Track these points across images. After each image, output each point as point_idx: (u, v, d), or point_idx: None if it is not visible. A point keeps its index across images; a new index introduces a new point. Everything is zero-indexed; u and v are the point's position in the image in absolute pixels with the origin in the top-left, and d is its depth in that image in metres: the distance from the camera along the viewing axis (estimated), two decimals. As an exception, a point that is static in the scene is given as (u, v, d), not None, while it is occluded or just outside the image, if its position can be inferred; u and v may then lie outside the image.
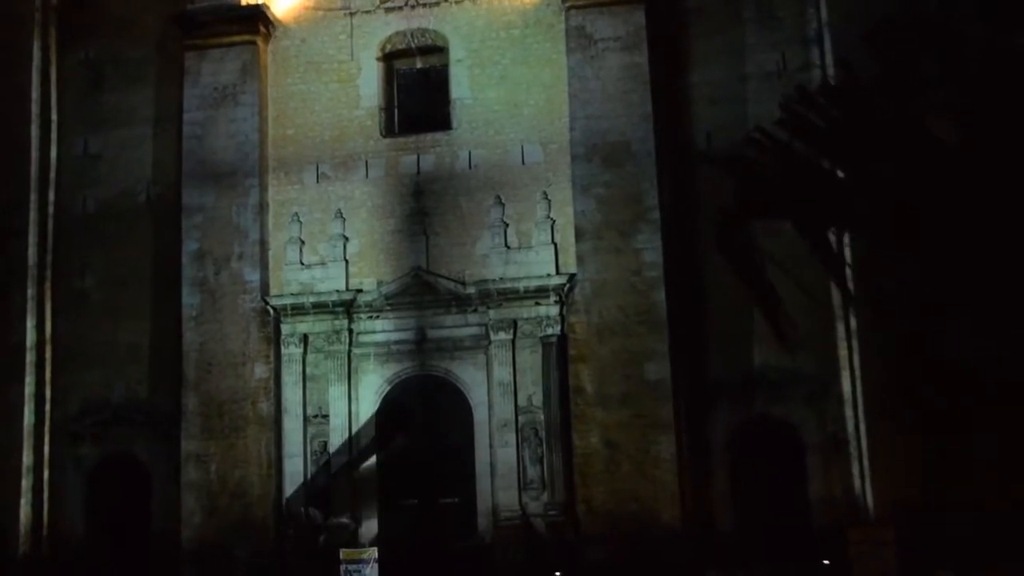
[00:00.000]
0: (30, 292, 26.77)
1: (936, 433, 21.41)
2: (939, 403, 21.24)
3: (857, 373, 23.41)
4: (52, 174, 27.81)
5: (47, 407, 26.70)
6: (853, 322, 23.21)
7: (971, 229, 5.74)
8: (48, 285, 27.25)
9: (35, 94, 27.71)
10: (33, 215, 27.19)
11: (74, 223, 27.66)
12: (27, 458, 26.09)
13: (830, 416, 23.83)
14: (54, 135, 27.99)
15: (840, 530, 21.76)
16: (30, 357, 26.47)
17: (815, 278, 7.16)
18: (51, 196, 27.72)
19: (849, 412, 23.69)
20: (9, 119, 27.51)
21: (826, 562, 21.70)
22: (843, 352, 23.76)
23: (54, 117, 28.06)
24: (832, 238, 6.77)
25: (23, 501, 25.88)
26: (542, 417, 24.57)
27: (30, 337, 26.56)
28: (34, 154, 27.48)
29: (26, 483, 25.98)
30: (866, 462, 23.09)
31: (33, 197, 27.31)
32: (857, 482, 23.40)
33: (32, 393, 26.44)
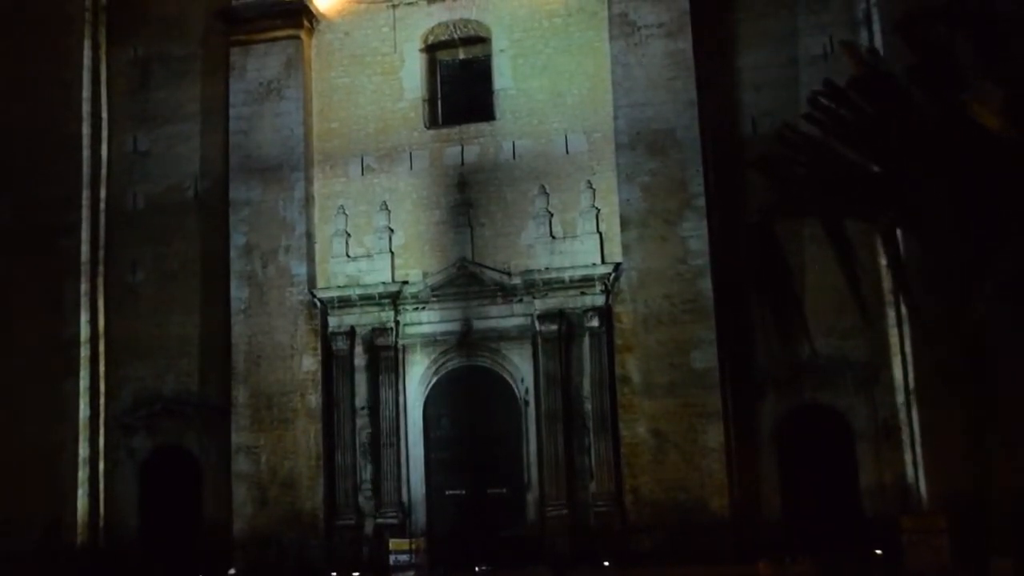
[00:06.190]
0: (83, 287, 27.22)
1: (990, 420, 21.00)
2: (992, 390, 20.82)
3: (908, 359, 23.05)
4: (103, 171, 28.24)
5: (101, 400, 27.15)
6: (903, 309, 22.84)
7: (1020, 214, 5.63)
8: (100, 280, 27.70)
9: (86, 92, 28.14)
10: (85, 212, 27.64)
11: (124, 219, 28.08)
12: (83, 450, 26.54)
13: (881, 403, 23.52)
14: (104, 132, 28.42)
15: (892, 519, 21.45)
16: (84, 351, 26.93)
17: (866, 264, 7.08)
18: (102, 193, 28.16)
19: (900, 399, 23.36)
20: (61, 117, 27.92)
21: (878, 551, 21.42)
22: (894, 339, 23.42)
23: (104, 115, 28.49)
24: (883, 233, 6.68)
25: (80, 492, 26.32)
26: (589, 407, 24.50)
27: (84, 332, 27.02)
28: (85, 152, 27.93)
29: (82, 474, 26.44)
30: (919, 449, 22.73)
31: (85, 194, 27.76)
32: (909, 470, 23.07)
33: (87, 386, 26.89)
